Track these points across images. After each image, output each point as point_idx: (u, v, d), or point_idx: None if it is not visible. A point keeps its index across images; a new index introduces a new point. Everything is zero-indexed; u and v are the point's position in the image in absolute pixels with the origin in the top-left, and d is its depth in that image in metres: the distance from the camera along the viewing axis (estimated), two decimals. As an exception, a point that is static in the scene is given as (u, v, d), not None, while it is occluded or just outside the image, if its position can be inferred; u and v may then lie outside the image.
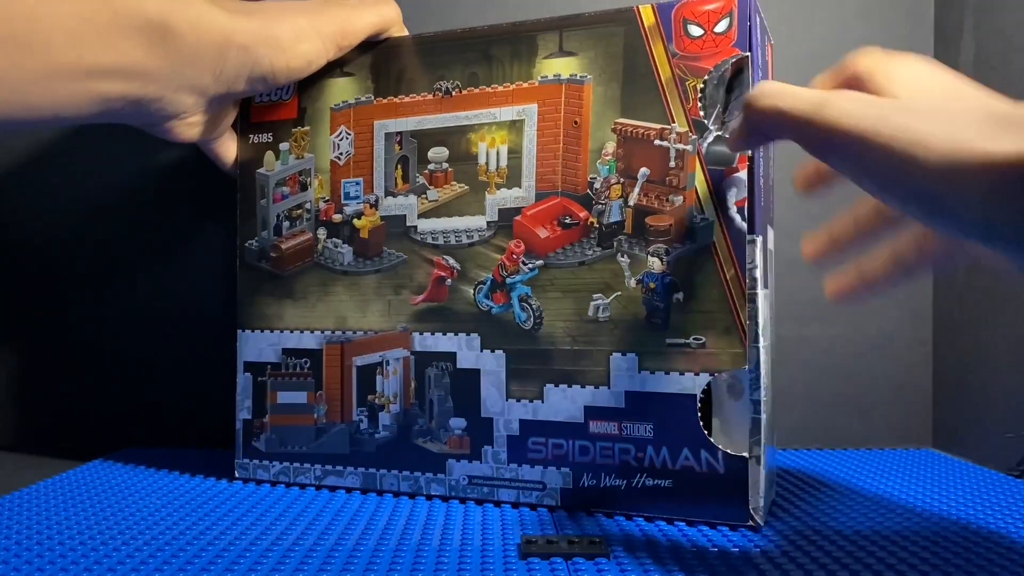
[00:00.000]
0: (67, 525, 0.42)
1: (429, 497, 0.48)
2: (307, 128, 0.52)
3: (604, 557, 0.37)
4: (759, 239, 0.42)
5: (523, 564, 0.36)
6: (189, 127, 0.49)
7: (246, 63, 0.46)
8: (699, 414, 0.42)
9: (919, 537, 0.40)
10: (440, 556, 0.37)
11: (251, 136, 0.53)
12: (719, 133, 0.42)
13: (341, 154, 0.51)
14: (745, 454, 0.41)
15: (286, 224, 0.52)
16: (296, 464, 0.51)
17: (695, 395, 0.42)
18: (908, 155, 0.28)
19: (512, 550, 0.38)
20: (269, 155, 0.53)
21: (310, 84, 0.52)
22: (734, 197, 0.42)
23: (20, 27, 0.39)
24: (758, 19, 0.43)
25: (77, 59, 0.40)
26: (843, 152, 0.31)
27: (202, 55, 0.44)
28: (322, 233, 0.51)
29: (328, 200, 0.51)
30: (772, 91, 0.34)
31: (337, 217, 0.51)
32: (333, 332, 0.51)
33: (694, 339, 0.42)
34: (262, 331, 0.53)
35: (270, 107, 0.53)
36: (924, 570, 0.35)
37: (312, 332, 0.51)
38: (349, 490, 0.50)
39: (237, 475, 0.53)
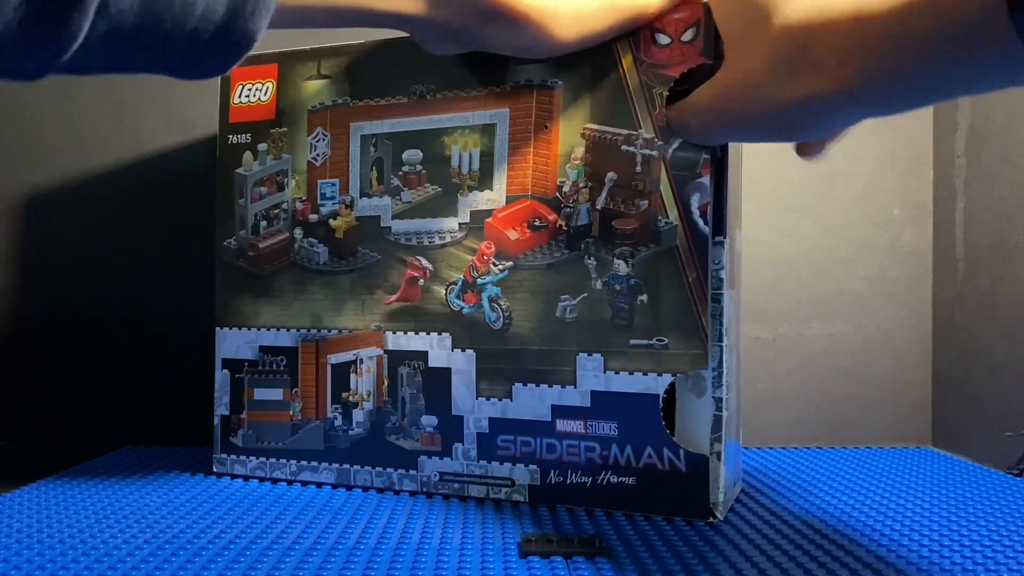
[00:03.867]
0: (67, 524, 0.42)
1: (397, 492, 0.49)
2: (284, 129, 0.53)
3: (604, 556, 0.37)
4: (727, 241, 0.43)
5: (523, 563, 0.36)
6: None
7: None
8: (661, 413, 0.43)
9: (918, 535, 0.41)
10: (440, 555, 0.37)
11: (230, 136, 0.54)
12: (684, 139, 0.43)
13: (318, 155, 0.52)
14: (706, 452, 0.43)
15: (263, 224, 0.53)
16: (272, 460, 0.52)
17: (658, 395, 0.43)
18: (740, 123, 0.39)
19: (512, 549, 0.38)
20: (247, 155, 0.53)
21: (288, 85, 0.52)
22: (697, 202, 0.43)
23: None
24: None
25: None
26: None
27: None
28: (299, 233, 0.52)
29: (305, 200, 0.52)
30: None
31: (313, 217, 0.52)
32: (309, 330, 0.52)
33: (657, 340, 0.43)
34: (240, 328, 0.54)
35: (249, 108, 0.53)
36: (924, 568, 0.35)
37: (288, 330, 0.52)
38: (322, 485, 0.51)
39: (215, 470, 0.54)
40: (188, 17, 0.32)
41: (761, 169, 0.66)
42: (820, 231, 0.66)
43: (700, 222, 0.43)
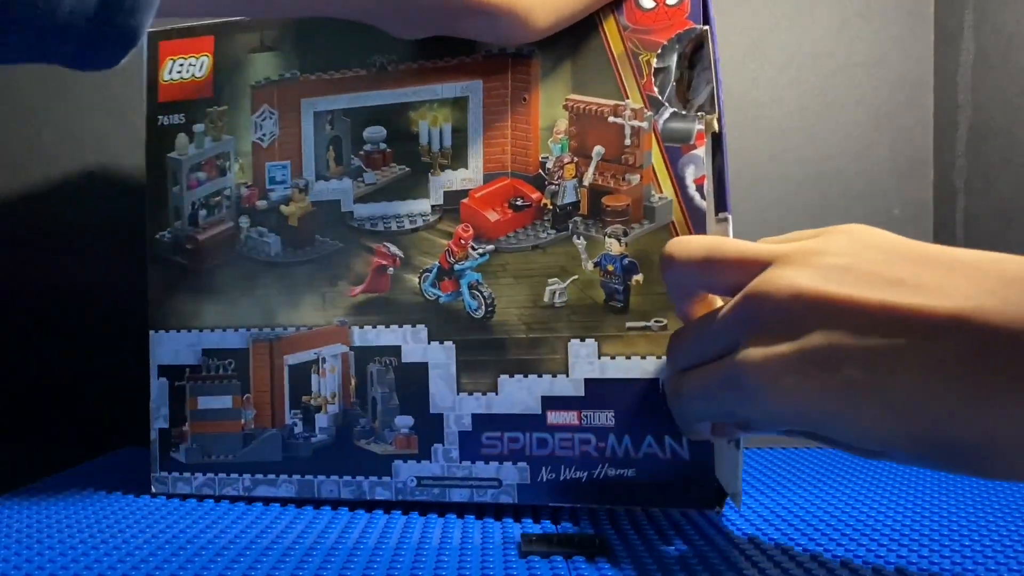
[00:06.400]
0: (67, 524, 0.42)
1: (369, 509, 0.45)
2: (224, 107, 0.47)
3: (604, 556, 0.35)
4: (731, 216, 0.41)
5: (523, 563, 0.35)
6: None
7: None
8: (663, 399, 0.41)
9: (918, 535, 0.40)
10: (440, 555, 0.36)
11: (160, 118, 0.48)
12: (675, 109, 0.41)
13: (264, 135, 0.47)
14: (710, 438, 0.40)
15: (202, 213, 0.48)
16: (222, 475, 0.47)
17: (658, 379, 0.41)
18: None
19: (512, 549, 0.37)
20: (181, 138, 0.48)
21: (226, 59, 0.47)
22: (692, 175, 0.41)
23: None
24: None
25: None
26: None
27: None
28: (244, 222, 0.47)
29: (251, 185, 0.47)
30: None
31: (262, 204, 0.47)
32: (261, 329, 0.47)
33: (655, 321, 0.41)
34: (178, 331, 0.48)
35: (182, 85, 0.48)
36: (924, 567, 0.34)
37: (236, 330, 0.47)
38: (284, 501, 0.46)
39: (154, 490, 0.48)
40: (56, 11, 0.29)
41: (761, 169, 0.65)
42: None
43: (696, 196, 0.40)
